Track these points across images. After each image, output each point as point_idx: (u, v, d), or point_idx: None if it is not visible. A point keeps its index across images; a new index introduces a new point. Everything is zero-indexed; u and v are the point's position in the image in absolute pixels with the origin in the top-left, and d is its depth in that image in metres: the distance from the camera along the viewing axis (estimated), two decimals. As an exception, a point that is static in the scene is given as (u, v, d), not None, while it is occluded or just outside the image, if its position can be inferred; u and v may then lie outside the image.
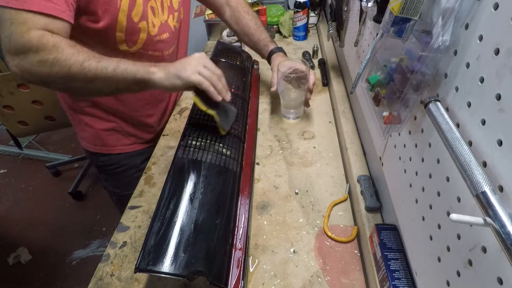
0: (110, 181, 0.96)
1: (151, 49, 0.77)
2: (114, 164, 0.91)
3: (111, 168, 0.92)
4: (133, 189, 0.74)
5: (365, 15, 0.70)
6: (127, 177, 0.89)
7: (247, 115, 0.84)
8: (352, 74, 0.86)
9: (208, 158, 0.63)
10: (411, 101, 0.40)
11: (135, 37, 0.72)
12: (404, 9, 0.38)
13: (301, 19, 1.30)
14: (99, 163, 0.91)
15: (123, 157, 0.90)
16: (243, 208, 0.61)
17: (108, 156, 0.89)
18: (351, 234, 0.61)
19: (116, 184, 0.95)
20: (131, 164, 0.91)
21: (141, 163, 0.93)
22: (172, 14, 0.80)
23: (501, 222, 0.23)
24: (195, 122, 0.71)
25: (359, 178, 0.67)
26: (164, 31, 0.79)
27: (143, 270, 0.46)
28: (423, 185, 0.40)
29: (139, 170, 0.85)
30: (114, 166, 0.91)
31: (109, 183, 0.97)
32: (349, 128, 0.82)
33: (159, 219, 0.51)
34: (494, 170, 0.27)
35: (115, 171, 0.92)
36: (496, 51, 0.28)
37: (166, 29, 0.79)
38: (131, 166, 0.90)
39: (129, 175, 0.91)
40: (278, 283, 0.55)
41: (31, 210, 1.89)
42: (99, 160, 0.91)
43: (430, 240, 0.38)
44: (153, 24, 0.74)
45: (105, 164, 0.91)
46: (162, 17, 0.77)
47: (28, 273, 1.57)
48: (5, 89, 1.36)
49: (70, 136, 2.36)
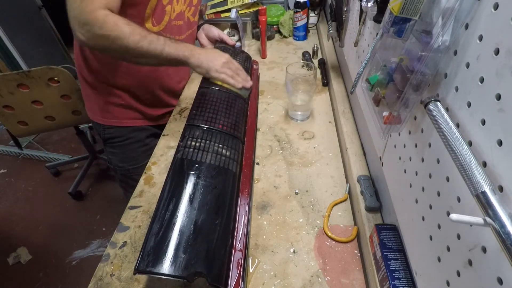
0: (116, 154, 1.01)
1: (168, 31, 0.87)
2: (121, 136, 0.97)
3: (118, 141, 0.98)
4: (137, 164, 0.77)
5: (365, 15, 0.70)
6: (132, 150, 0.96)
7: (247, 115, 0.84)
8: (352, 74, 0.86)
9: (207, 158, 0.63)
10: (411, 101, 0.40)
11: (160, 17, 0.82)
12: (404, 9, 0.38)
13: (301, 19, 1.30)
14: (106, 134, 0.97)
15: (130, 130, 0.97)
16: (242, 209, 0.61)
17: (116, 128, 0.96)
18: (351, 234, 0.61)
19: (121, 158, 1.00)
20: (137, 137, 0.97)
21: (145, 138, 1.00)
22: (189, 7, 0.92)
23: (501, 222, 0.23)
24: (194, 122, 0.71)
25: (359, 178, 0.67)
26: (180, 18, 0.89)
27: (142, 271, 0.45)
28: (423, 185, 0.40)
29: (144, 145, 0.95)
30: (121, 138, 0.97)
31: (115, 157, 1.02)
32: (349, 128, 0.82)
33: (158, 220, 0.51)
34: (494, 170, 0.27)
35: (121, 144, 0.98)
36: (496, 51, 0.28)
37: (182, 17, 0.90)
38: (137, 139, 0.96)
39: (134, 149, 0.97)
40: (278, 283, 0.55)
41: (31, 210, 1.89)
42: (107, 132, 0.97)
43: (430, 240, 0.38)
44: (174, 10, 0.85)
45: (112, 136, 0.97)
46: (182, 6, 0.88)
47: (28, 273, 1.57)
48: (5, 89, 1.36)
49: (70, 136, 2.37)
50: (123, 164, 1.01)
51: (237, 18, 1.24)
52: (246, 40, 1.39)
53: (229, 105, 0.78)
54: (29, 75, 1.35)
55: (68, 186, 1.90)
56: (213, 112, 0.74)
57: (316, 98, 1.00)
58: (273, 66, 1.20)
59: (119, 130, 0.96)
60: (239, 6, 1.30)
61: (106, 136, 0.98)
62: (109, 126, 0.95)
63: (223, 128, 0.71)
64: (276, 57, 1.26)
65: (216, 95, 0.79)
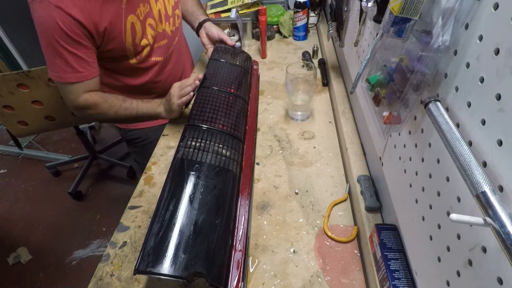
0: (138, 153, 1.15)
1: (154, 55, 0.94)
2: (140, 137, 1.09)
3: (139, 141, 1.10)
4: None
5: (365, 15, 0.70)
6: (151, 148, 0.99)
7: (247, 115, 0.83)
8: (352, 74, 0.86)
9: (207, 159, 0.63)
10: (411, 101, 0.40)
11: (140, 53, 0.90)
12: (404, 9, 0.38)
13: (301, 19, 1.30)
14: (128, 137, 1.10)
15: (147, 131, 1.07)
16: (243, 209, 0.61)
17: (135, 131, 1.07)
18: (351, 234, 0.61)
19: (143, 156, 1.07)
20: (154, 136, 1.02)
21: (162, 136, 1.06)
22: (168, 21, 0.96)
23: (501, 222, 0.23)
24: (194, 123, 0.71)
25: (359, 178, 0.67)
26: (163, 38, 0.95)
27: (142, 272, 0.45)
28: (423, 185, 0.40)
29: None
30: (141, 139, 1.09)
31: (137, 155, 1.16)
32: (349, 128, 0.82)
33: (158, 221, 0.51)
34: (494, 170, 0.27)
35: (141, 144, 1.10)
36: (496, 51, 0.28)
37: (164, 36, 0.95)
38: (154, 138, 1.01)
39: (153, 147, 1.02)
40: (278, 283, 0.55)
41: (31, 210, 1.89)
42: (128, 135, 1.09)
43: (430, 240, 0.38)
44: (152, 37, 0.90)
45: (133, 138, 1.09)
46: (160, 27, 0.93)
47: (28, 273, 1.57)
48: (5, 89, 1.36)
49: (70, 136, 2.37)
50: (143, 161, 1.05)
51: (237, 18, 1.23)
52: (246, 40, 1.39)
53: (229, 105, 0.78)
54: (29, 75, 1.35)
55: (68, 186, 1.90)
56: (213, 112, 0.74)
57: (316, 98, 1.00)
58: (273, 66, 1.20)
59: (138, 132, 1.08)
60: (239, 6, 1.30)
61: (128, 138, 1.10)
62: (129, 129, 1.07)
63: (223, 128, 0.71)
64: (276, 57, 1.26)
65: (216, 95, 0.79)
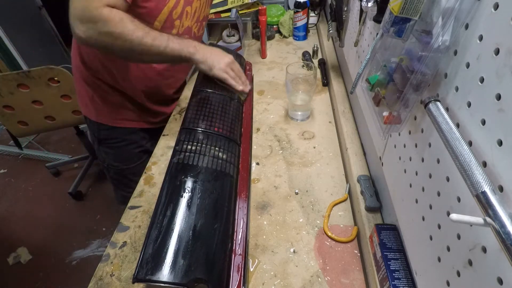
0: (110, 154, 0.99)
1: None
2: (116, 138, 0.95)
3: (113, 142, 0.96)
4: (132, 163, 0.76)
5: (365, 15, 0.70)
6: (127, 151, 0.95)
7: (242, 117, 0.83)
8: (352, 74, 0.86)
9: (204, 162, 0.62)
10: (411, 101, 0.40)
11: (168, 30, 0.80)
12: (404, 9, 0.38)
13: (301, 19, 1.30)
14: (101, 136, 0.95)
15: (126, 131, 0.95)
16: (241, 212, 0.60)
17: (112, 130, 0.94)
18: (351, 234, 0.61)
19: (116, 158, 0.98)
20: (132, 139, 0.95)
21: (140, 139, 0.97)
22: (197, 23, 0.92)
23: (501, 222, 0.23)
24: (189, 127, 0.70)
25: (359, 178, 0.67)
26: (187, 33, 0.89)
27: (141, 280, 0.45)
28: (423, 185, 0.40)
29: (139, 146, 0.93)
30: (117, 139, 0.96)
31: (108, 156, 0.99)
32: (349, 128, 0.82)
33: (156, 227, 0.50)
34: (494, 170, 0.27)
35: (116, 145, 0.96)
36: (496, 51, 0.28)
37: (189, 32, 0.90)
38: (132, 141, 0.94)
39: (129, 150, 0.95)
40: (278, 283, 0.55)
41: (31, 210, 1.89)
42: (102, 134, 0.95)
43: (430, 240, 0.38)
44: (183, 25, 0.85)
45: (108, 137, 0.95)
46: (190, 21, 0.88)
47: (28, 273, 1.57)
48: (5, 89, 1.36)
49: (70, 136, 2.36)
50: (117, 164, 1.00)
51: (237, 18, 1.23)
52: (246, 40, 1.39)
53: (224, 108, 0.77)
54: (29, 75, 1.35)
55: (68, 186, 1.90)
56: (208, 115, 0.73)
57: (316, 98, 1.00)
58: (273, 66, 1.20)
59: (114, 131, 0.95)
60: (239, 6, 1.30)
61: (102, 136, 0.96)
62: (104, 127, 0.94)
63: (219, 131, 0.70)
64: (276, 57, 1.26)
65: (210, 97, 0.78)
